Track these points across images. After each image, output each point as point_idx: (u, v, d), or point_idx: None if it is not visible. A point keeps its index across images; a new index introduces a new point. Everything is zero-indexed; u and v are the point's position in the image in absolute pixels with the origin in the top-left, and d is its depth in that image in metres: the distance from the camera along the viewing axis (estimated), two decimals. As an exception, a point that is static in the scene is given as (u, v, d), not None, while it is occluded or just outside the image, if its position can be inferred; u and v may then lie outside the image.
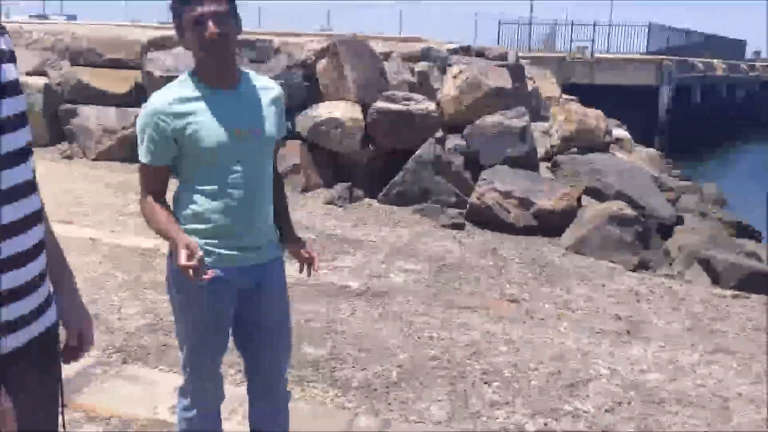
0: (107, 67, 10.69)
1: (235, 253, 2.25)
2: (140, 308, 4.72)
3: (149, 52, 10.89)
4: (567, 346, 4.64)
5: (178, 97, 2.15)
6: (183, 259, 1.98)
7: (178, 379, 3.63)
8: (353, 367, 4.08)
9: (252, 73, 2.32)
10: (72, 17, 33.24)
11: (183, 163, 2.22)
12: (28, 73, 10.77)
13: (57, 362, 1.65)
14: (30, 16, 34.55)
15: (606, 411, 3.80)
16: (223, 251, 2.23)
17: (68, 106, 10.26)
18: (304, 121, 9.38)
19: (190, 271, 1.98)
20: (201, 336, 2.32)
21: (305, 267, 2.48)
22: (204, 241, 2.18)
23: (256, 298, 2.35)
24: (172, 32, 2.60)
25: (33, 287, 1.50)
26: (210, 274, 2.02)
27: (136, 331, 4.36)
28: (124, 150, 9.37)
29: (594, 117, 9.71)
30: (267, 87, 2.33)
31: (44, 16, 34.67)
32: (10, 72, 1.45)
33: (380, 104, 9.30)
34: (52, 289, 1.61)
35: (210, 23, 2.06)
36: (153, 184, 2.24)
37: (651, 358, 4.59)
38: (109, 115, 9.94)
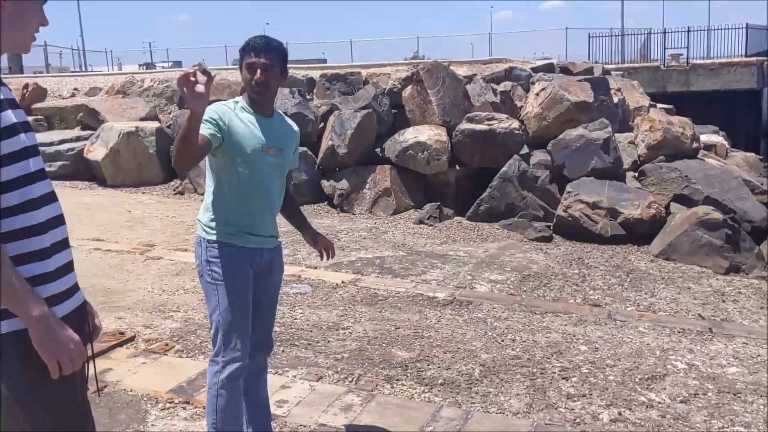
0: (211, 108, 11.54)
1: (253, 237, 2.92)
2: (248, 322, 5.23)
3: (248, 91, 11.71)
4: (646, 345, 4.81)
5: (234, 110, 2.88)
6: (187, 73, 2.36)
7: (282, 380, 4.10)
8: (439, 366, 4.42)
9: (282, 113, 3.08)
10: (177, 63, 35.33)
11: (222, 163, 2.82)
12: (141, 119, 11.83)
13: (86, 331, 2.04)
14: (139, 65, 37.05)
15: (681, 401, 3.97)
16: (246, 235, 2.90)
17: (178, 146, 11.14)
18: (392, 146, 9.83)
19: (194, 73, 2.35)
20: (233, 297, 2.85)
21: (324, 254, 3.27)
22: (236, 228, 2.87)
23: (265, 280, 3.01)
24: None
25: (70, 269, 1.93)
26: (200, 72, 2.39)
27: (244, 341, 4.86)
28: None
29: (679, 124, 9.67)
30: (291, 125, 3.12)
31: (152, 65, 37.05)
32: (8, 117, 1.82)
33: (464, 125, 9.66)
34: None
35: (258, 71, 2.82)
36: None
37: (731, 353, 4.71)
38: (215, 151, 10.74)
